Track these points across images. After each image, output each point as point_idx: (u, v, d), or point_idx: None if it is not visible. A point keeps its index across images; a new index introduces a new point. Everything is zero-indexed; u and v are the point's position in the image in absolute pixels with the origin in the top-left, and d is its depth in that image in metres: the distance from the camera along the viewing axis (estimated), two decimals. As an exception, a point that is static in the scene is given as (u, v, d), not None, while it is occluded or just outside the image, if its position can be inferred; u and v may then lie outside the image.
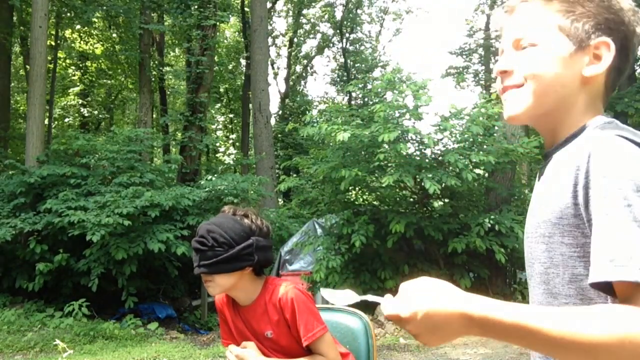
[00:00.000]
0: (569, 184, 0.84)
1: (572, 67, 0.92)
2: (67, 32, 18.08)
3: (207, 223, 1.61)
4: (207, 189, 9.45)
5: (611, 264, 0.73)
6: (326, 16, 25.59)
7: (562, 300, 0.88)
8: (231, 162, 22.88)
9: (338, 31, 25.17)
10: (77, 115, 20.48)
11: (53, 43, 15.57)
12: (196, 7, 12.70)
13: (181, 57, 20.73)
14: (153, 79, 14.60)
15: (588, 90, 0.93)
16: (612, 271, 0.73)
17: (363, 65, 24.73)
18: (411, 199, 8.44)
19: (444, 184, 6.89)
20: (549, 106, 0.94)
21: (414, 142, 7.77)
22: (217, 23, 13.25)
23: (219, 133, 26.23)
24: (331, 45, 26.39)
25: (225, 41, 22.97)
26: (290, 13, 25.67)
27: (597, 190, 0.78)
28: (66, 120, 20.81)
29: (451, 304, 0.78)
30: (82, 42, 18.69)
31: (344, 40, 25.43)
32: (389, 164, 7.60)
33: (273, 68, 25.26)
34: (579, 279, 0.85)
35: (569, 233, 0.85)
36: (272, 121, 17.23)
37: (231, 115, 25.86)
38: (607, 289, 0.76)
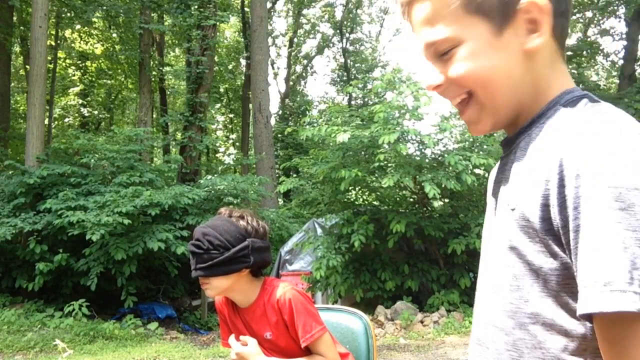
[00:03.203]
0: (538, 179, 0.68)
1: (508, 49, 0.73)
2: (67, 32, 18.08)
3: (202, 226, 1.61)
4: (206, 189, 9.45)
5: (606, 288, 0.59)
6: (326, 16, 25.59)
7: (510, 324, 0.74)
8: (231, 162, 22.87)
9: (338, 31, 25.17)
10: (77, 115, 20.49)
11: (53, 43, 15.57)
12: (196, 7, 12.69)
13: (181, 57, 20.72)
14: (153, 79, 14.60)
15: (539, 61, 0.75)
16: (608, 299, 0.58)
17: (363, 65, 24.74)
18: (411, 199, 8.44)
19: (443, 186, 6.89)
20: (506, 106, 0.77)
21: (414, 142, 7.77)
22: (217, 23, 13.24)
23: (219, 133, 26.23)
24: (331, 45, 26.40)
25: (225, 41, 22.97)
26: (290, 13, 25.67)
27: (577, 189, 0.62)
28: (66, 120, 20.83)
29: None
30: (82, 42, 18.69)
31: (344, 40, 25.43)
32: (389, 164, 7.61)
33: (273, 68, 25.29)
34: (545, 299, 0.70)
35: (538, 241, 0.69)
36: (272, 121, 17.24)
37: (231, 115, 25.86)
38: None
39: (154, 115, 16.10)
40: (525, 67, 0.74)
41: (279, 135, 20.40)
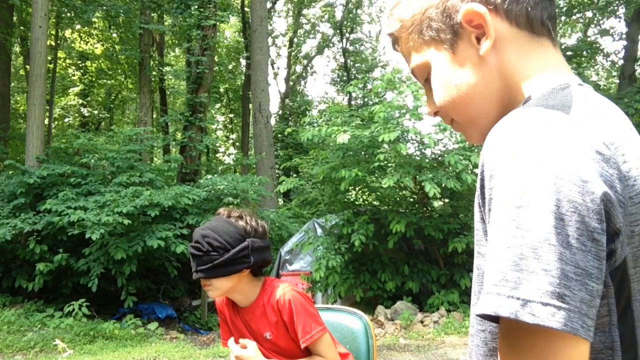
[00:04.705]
0: (478, 179, 0.67)
1: (466, 60, 0.74)
2: (67, 32, 18.08)
3: (201, 228, 1.61)
4: (206, 189, 9.45)
5: (484, 290, 0.58)
6: (326, 16, 25.59)
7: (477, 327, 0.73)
8: (231, 162, 22.87)
9: (338, 31, 25.17)
10: (77, 115, 20.49)
11: (53, 43, 15.57)
12: (196, 7, 12.68)
13: (181, 57, 20.72)
14: (153, 79, 14.60)
15: (499, 61, 0.73)
16: (481, 302, 0.57)
17: (363, 65, 24.73)
18: (411, 199, 8.44)
19: (443, 185, 6.89)
20: (484, 113, 0.77)
21: (414, 142, 7.77)
22: (217, 23, 13.23)
23: (219, 133, 26.22)
24: (331, 45, 26.40)
25: (225, 41, 22.96)
26: (290, 13, 25.67)
27: (491, 191, 0.61)
28: (66, 120, 20.83)
29: None
30: (82, 42, 18.68)
31: (344, 40, 25.43)
32: (389, 164, 7.61)
33: (273, 68, 25.28)
34: None
35: (484, 242, 0.68)
36: (272, 121, 17.22)
37: (231, 115, 25.85)
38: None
39: (154, 115, 16.10)
40: (488, 70, 0.74)
41: (279, 135, 20.40)
